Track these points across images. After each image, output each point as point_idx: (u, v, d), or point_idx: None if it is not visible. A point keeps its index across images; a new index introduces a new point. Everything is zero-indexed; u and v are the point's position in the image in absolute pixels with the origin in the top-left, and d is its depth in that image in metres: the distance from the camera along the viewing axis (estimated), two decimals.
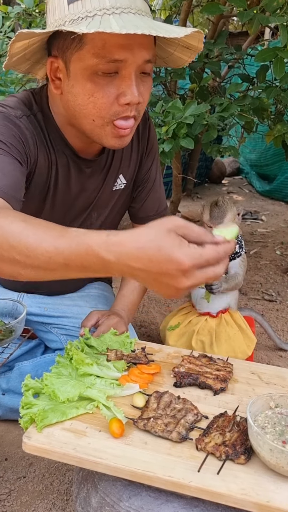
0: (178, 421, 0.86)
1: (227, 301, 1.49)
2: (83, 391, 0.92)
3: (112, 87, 0.91)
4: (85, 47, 0.88)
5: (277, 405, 0.86)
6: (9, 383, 1.37)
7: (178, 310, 1.58)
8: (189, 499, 0.78)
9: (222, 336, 1.45)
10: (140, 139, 1.25)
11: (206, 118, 1.80)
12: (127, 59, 0.88)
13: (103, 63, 0.87)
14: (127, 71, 0.89)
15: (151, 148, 1.28)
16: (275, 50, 1.60)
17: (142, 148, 1.26)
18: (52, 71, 0.96)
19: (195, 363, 1.06)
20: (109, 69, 0.88)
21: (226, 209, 1.34)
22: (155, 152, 1.31)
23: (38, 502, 1.21)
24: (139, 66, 0.90)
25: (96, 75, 0.90)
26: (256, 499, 0.72)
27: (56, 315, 1.36)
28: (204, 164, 4.81)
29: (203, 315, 1.49)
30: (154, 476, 0.76)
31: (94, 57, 0.87)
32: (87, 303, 1.38)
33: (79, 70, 0.90)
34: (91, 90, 0.91)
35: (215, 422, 0.87)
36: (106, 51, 0.86)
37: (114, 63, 0.88)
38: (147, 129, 1.25)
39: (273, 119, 2.25)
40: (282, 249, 3.13)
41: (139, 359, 1.05)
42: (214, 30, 2.50)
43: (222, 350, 1.41)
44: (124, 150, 1.20)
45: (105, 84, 0.90)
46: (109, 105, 0.92)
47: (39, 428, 0.84)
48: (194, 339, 1.44)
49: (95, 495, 0.85)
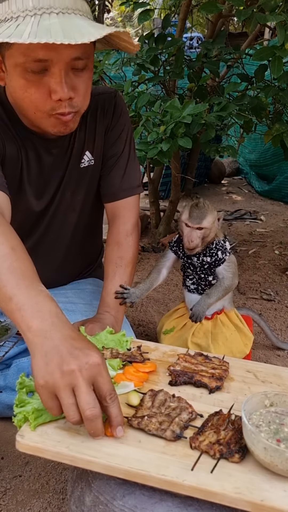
0: (172, 420, 0.85)
1: (221, 303, 1.46)
2: None
3: (43, 84, 0.96)
4: (14, 46, 0.93)
5: (272, 403, 0.86)
6: (7, 380, 1.37)
7: (173, 311, 1.57)
8: (183, 498, 0.78)
9: (219, 338, 1.43)
10: (105, 115, 1.27)
11: (204, 117, 1.80)
12: (52, 58, 0.93)
13: (29, 62, 0.93)
14: (55, 69, 0.94)
15: (115, 124, 1.30)
16: (273, 49, 1.60)
17: (106, 124, 1.28)
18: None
19: (191, 362, 1.06)
20: (37, 67, 0.94)
21: (206, 212, 1.29)
22: (121, 128, 1.31)
23: (34, 501, 1.21)
24: (67, 63, 0.95)
25: (27, 72, 0.95)
26: (250, 497, 0.72)
27: None
28: (204, 164, 4.81)
29: None
30: (148, 475, 0.76)
31: (22, 55, 0.93)
32: (82, 300, 1.38)
33: (12, 66, 0.96)
34: (25, 86, 0.97)
35: (210, 421, 0.86)
36: (31, 51, 0.91)
37: (40, 62, 0.93)
38: (112, 106, 1.28)
39: (272, 119, 2.25)
40: (281, 248, 3.13)
41: (134, 358, 1.05)
42: (212, 29, 2.50)
43: (219, 352, 1.39)
44: (87, 126, 1.24)
45: (36, 81, 0.96)
46: (44, 101, 0.98)
47: (33, 426, 0.84)
48: (190, 342, 1.43)
49: (89, 493, 0.84)
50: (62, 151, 1.23)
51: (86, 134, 1.25)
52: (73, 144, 1.24)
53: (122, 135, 1.31)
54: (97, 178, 1.34)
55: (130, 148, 1.34)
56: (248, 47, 2.59)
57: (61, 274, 1.41)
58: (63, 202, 1.29)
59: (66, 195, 1.29)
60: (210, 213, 1.30)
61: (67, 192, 1.28)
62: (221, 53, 2.23)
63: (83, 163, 1.27)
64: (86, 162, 1.27)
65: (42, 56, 0.92)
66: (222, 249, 1.36)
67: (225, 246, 1.37)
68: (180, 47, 2.18)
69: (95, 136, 1.27)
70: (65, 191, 1.28)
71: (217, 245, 1.36)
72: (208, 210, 1.30)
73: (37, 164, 1.19)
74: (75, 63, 0.96)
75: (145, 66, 2.21)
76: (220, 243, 1.37)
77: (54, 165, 1.22)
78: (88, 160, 1.27)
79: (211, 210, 1.31)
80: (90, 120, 1.26)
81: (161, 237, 3.13)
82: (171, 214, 3.15)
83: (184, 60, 2.29)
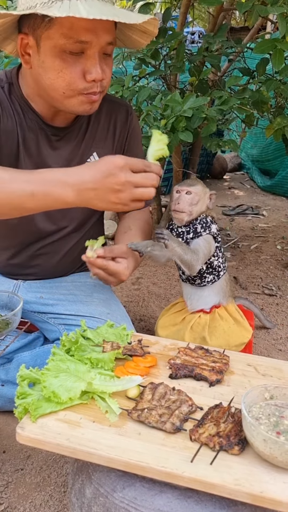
0: (172, 412, 0.86)
1: (216, 299, 1.46)
2: (84, 388, 0.90)
3: (78, 65, 1.03)
4: (54, 27, 0.98)
5: (272, 396, 0.86)
6: (8, 374, 1.38)
7: (172, 306, 1.57)
8: (183, 490, 0.78)
9: (217, 330, 1.43)
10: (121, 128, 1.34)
11: (205, 111, 1.79)
12: (92, 40, 1.00)
13: (70, 43, 0.99)
14: (92, 52, 1.02)
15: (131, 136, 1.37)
16: (274, 42, 1.59)
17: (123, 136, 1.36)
18: (22, 47, 1.07)
19: (191, 355, 1.06)
20: (76, 49, 1.00)
21: (196, 182, 1.36)
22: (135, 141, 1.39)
23: (36, 494, 1.21)
24: (102, 47, 1.03)
25: (64, 53, 1.01)
26: (250, 489, 0.72)
27: (51, 303, 1.37)
28: (206, 159, 4.79)
29: (197, 312, 1.48)
30: (148, 467, 0.76)
31: (63, 37, 0.99)
32: (83, 292, 1.38)
33: (48, 47, 1.02)
34: (60, 66, 1.03)
35: (210, 413, 0.86)
36: (73, 33, 0.98)
37: (81, 44, 1.00)
38: (128, 122, 1.36)
39: (273, 113, 2.23)
40: (283, 243, 3.12)
41: (135, 351, 1.05)
42: (214, 23, 2.48)
43: (215, 344, 1.39)
44: (98, 130, 1.30)
45: (72, 62, 1.03)
46: (77, 80, 1.05)
47: (33, 418, 0.84)
48: (188, 336, 1.42)
49: (89, 486, 0.85)
50: (67, 140, 1.25)
51: (96, 136, 1.30)
52: (81, 139, 1.28)
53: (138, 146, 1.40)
54: None
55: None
56: (250, 40, 2.57)
57: (62, 266, 1.42)
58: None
59: None
60: (201, 185, 1.37)
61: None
62: (223, 47, 2.21)
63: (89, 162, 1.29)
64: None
65: (84, 38, 0.99)
66: (202, 224, 1.38)
67: (208, 224, 1.38)
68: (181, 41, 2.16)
69: (104, 142, 1.32)
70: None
71: (201, 220, 1.38)
72: (199, 182, 1.37)
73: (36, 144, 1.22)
74: (107, 48, 1.05)
75: (146, 60, 2.19)
76: (204, 220, 1.38)
77: (56, 150, 1.24)
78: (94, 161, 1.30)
79: (202, 184, 1.37)
80: (103, 122, 1.31)
81: None
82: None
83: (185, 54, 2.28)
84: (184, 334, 1.43)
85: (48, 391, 0.87)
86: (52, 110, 1.18)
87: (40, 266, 1.39)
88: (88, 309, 1.32)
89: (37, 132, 1.21)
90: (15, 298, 1.18)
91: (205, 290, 1.45)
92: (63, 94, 1.07)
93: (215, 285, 1.45)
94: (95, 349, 1.04)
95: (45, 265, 1.39)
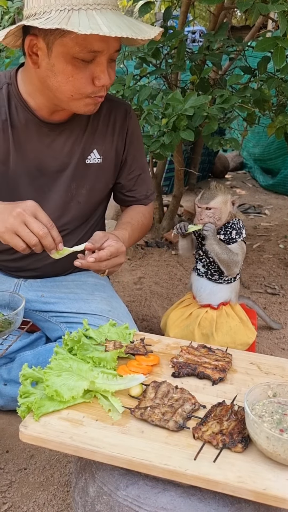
0: (175, 411, 0.85)
1: (228, 295, 1.48)
2: (87, 386, 0.90)
3: (88, 71, 1.07)
4: (68, 36, 1.01)
5: (275, 394, 0.86)
6: (11, 373, 1.38)
7: (179, 303, 1.58)
8: (186, 487, 0.78)
9: (223, 326, 1.45)
10: (120, 127, 1.35)
11: (206, 110, 1.79)
12: (103, 49, 1.04)
13: (84, 52, 1.03)
14: (102, 59, 1.06)
15: (131, 135, 1.39)
16: (275, 40, 1.59)
17: (122, 135, 1.37)
18: (29, 47, 1.08)
19: (194, 354, 1.05)
20: (88, 57, 1.05)
21: (216, 193, 1.37)
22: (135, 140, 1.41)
23: (39, 494, 1.21)
24: (111, 54, 1.08)
25: (76, 60, 1.05)
26: (253, 486, 0.72)
27: (53, 301, 1.37)
28: (207, 158, 4.79)
29: (204, 307, 1.49)
30: (151, 465, 0.76)
31: (77, 45, 1.02)
32: (84, 290, 1.39)
33: (61, 53, 1.05)
34: (72, 71, 1.07)
35: (213, 411, 0.86)
36: (88, 43, 1.02)
37: (93, 53, 1.04)
38: (127, 121, 1.37)
39: (275, 111, 2.23)
40: (286, 242, 3.12)
41: (137, 350, 1.05)
42: (215, 22, 2.48)
43: (222, 340, 1.40)
44: (98, 128, 1.32)
45: (83, 68, 1.07)
46: (86, 85, 1.09)
47: (36, 416, 0.84)
48: (197, 332, 1.44)
49: (93, 484, 0.85)
50: (64, 136, 1.26)
51: (96, 134, 1.32)
52: (81, 136, 1.29)
53: (137, 156, 1.41)
54: (106, 179, 1.38)
55: (142, 158, 1.45)
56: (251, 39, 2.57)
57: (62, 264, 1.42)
58: (67, 194, 1.32)
59: (71, 187, 1.32)
60: (221, 195, 1.37)
61: (72, 184, 1.31)
62: (224, 46, 2.21)
63: (89, 160, 1.32)
64: (92, 159, 1.33)
65: (97, 48, 1.03)
66: (237, 230, 1.42)
67: (241, 229, 1.42)
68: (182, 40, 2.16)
69: (104, 139, 1.33)
70: (71, 183, 1.31)
71: (234, 225, 1.42)
72: (219, 191, 1.37)
73: (28, 138, 1.24)
74: (114, 55, 1.09)
75: (146, 59, 2.20)
76: (237, 225, 1.42)
77: (51, 145, 1.26)
78: (94, 158, 1.33)
79: (222, 192, 1.38)
80: (103, 119, 1.32)
81: (165, 232, 3.12)
82: (175, 209, 3.14)
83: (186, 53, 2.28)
84: (194, 330, 1.45)
85: (51, 390, 0.87)
86: (53, 107, 1.20)
87: (40, 264, 1.39)
88: (90, 306, 1.32)
89: (28, 125, 1.23)
90: (17, 297, 1.18)
91: (219, 286, 1.48)
92: (71, 97, 1.11)
93: (230, 284, 1.49)
94: (97, 348, 1.05)
95: (46, 264, 1.39)
